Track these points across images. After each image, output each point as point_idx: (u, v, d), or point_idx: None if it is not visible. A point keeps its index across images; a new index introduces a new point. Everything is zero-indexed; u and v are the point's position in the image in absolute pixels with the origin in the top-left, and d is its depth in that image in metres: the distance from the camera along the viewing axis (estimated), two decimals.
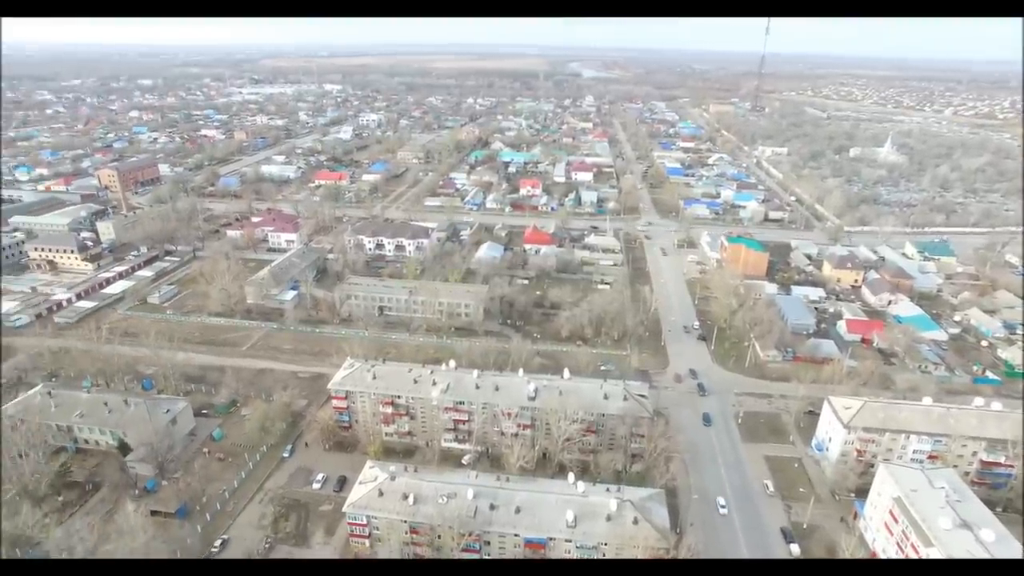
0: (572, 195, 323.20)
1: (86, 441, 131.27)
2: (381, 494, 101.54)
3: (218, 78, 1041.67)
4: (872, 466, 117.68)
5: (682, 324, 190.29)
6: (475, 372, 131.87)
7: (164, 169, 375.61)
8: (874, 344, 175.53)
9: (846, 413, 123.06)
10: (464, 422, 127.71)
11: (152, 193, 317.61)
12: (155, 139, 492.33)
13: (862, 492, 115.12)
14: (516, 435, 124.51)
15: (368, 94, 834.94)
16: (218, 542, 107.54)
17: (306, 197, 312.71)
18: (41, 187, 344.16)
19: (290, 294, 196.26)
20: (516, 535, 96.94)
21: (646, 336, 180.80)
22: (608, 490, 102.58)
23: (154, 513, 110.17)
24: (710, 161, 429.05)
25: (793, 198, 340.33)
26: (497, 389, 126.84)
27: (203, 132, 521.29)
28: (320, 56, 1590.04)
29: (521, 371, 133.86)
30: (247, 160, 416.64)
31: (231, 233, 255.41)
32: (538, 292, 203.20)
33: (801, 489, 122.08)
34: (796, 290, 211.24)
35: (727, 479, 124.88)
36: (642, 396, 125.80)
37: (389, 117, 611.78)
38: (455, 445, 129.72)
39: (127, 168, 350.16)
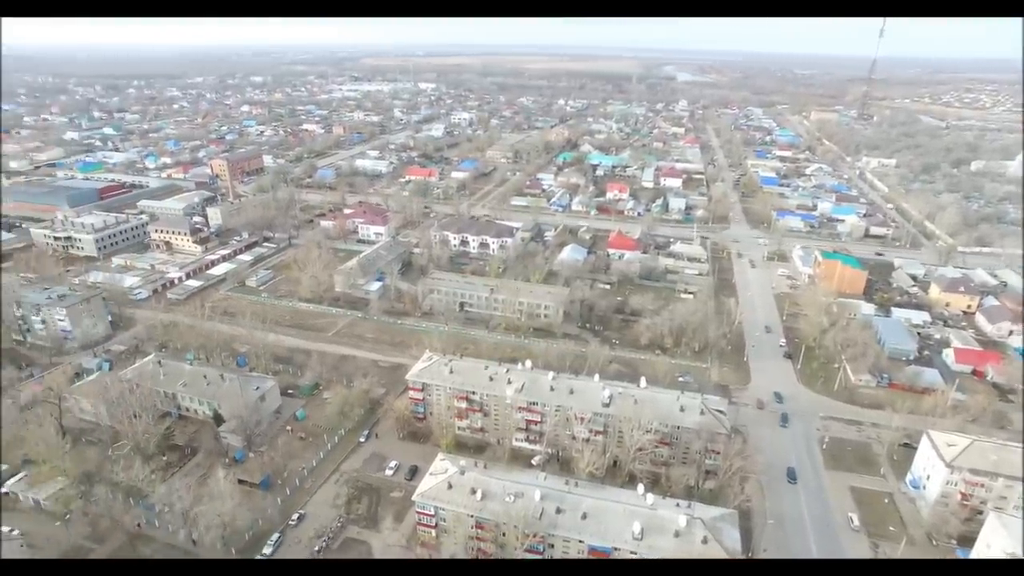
0: (660, 201, 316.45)
1: (187, 409, 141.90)
2: (450, 487, 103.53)
3: (321, 75, 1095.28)
4: (980, 513, 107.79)
5: (767, 340, 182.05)
6: (550, 374, 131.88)
7: (268, 160, 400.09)
8: (988, 377, 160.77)
9: (949, 451, 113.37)
10: (536, 423, 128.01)
11: (256, 183, 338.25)
12: (262, 132, 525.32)
13: (966, 540, 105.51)
14: (587, 440, 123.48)
15: (461, 93, 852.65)
16: (295, 516, 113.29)
17: (396, 192, 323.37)
18: (164, 174, 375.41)
19: (376, 285, 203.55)
20: (581, 541, 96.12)
21: (728, 350, 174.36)
22: (678, 505, 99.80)
23: (241, 482, 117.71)
24: (808, 171, 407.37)
25: (899, 213, 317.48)
26: (571, 392, 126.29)
27: (304, 126, 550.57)
28: (416, 55, 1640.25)
29: (597, 376, 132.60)
30: (343, 154, 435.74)
31: (324, 223, 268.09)
32: (619, 298, 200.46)
33: (891, 528, 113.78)
34: (897, 312, 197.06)
35: (806, 506, 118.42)
36: (720, 411, 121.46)
37: (480, 116, 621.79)
38: (526, 445, 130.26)
39: (236, 158, 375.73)
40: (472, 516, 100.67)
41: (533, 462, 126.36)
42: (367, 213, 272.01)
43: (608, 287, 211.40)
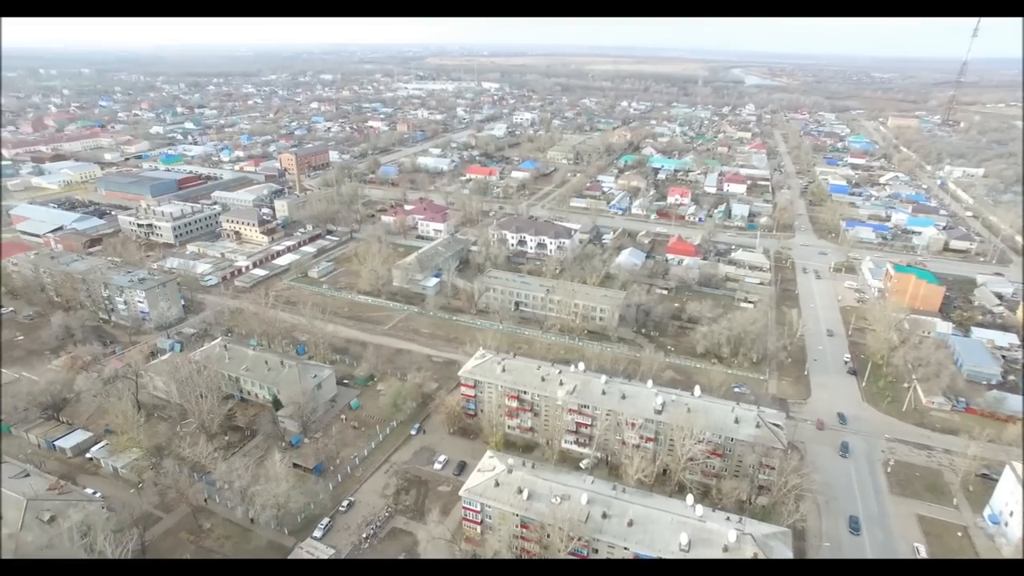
0: (722, 207, 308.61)
1: (248, 392, 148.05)
2: (497, 484, 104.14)
3: (388, 74, 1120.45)
4: None
5: (831, 354, 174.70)
6: (603, 377, 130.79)
7: (334, 156, 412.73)
8: None
9: None
10: (586, 426, 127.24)
11: (321, 177, 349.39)
12: (329, 128, 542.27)
13: None
14: (638, 447, 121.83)
15: (524, 93, 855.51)
16: (345, 503, 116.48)
17: (456, 189, 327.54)
18: (237, 167, 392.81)
19: (433, 281, 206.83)
20: (626, 548, 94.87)
21: (788, 363, 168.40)
22: (728, 519, 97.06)
23: (295, 466, 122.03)
24: (882, 180, 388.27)
25: (985, 227, 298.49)
26: (624, 397, 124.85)
27: (370, 123, 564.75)
28: (481, 55, 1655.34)
29: (650, 382, 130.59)
30: (406, 151, 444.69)
31: (385, 218, 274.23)
32: (676, 304, 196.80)
33: None
34: (978, 332, 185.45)
35: (867, 532, 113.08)
36: (776, 425, 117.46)
37: (543, 116, 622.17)
38: (575, 448, 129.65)
39: (303, 153, 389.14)
40: (518, 515, 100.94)
41: (581, 465, 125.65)
42: (427, 210, 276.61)
43: (665, 293, 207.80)
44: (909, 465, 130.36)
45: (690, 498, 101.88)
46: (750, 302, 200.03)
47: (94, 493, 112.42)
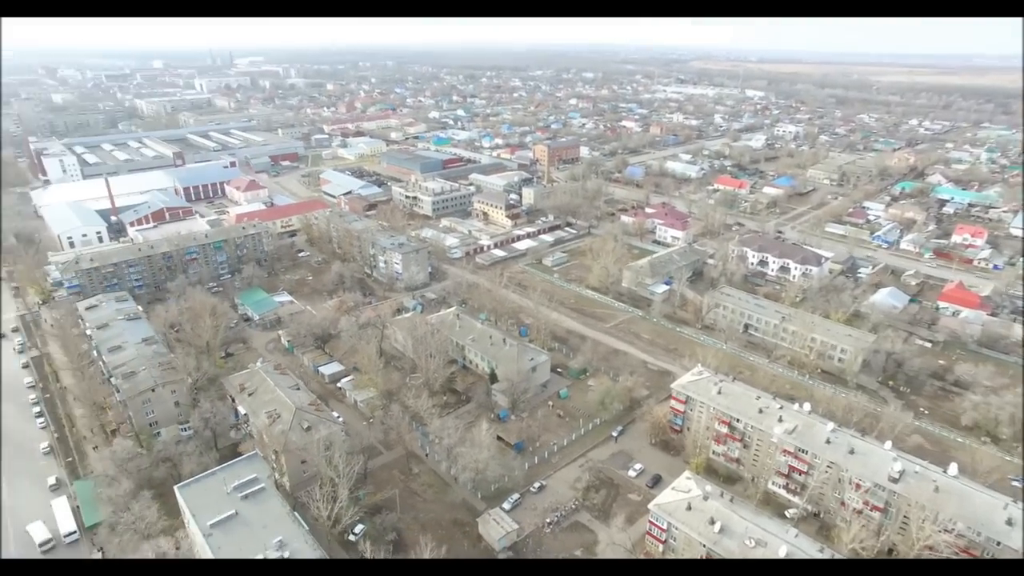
0: None
1: (470, 362, 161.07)
2: (689, 508, 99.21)
3: (648, 75, 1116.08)
4: None
5: None
6: (830, 425, 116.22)
7: (584, 151, 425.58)
8: None
9: None
10: (801, 472, 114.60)
11: (570, 171, 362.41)
12: (584, 124, 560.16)
13: None
14: (860, 512, 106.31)
15: (791, 104, 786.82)
16: (537, 484, 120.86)
17: (701, 199, 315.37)
18: (494, 153, 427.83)
19: (662, 287, 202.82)
20: None
21: None
22: None
23: (499, 438, 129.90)
24: None
25: None
26: (852, 452, 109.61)
27: (624, 123, 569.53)
28: (749, 61, 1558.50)
29: (889, 444, 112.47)
30: (655, 154, 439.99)
31: (624, 218, 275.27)
32: (941, 361, 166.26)
33: None
34: None
35: None
36: None
37: (808, 131, 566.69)
38: (782, 492, 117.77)
39: (556, 146, 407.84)
40: (704, 546, 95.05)
41: (787, 513, 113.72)
42: (668, 215, 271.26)
43: (928, 345, 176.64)
44: None
45: None
46: None
47: (338, 417, 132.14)
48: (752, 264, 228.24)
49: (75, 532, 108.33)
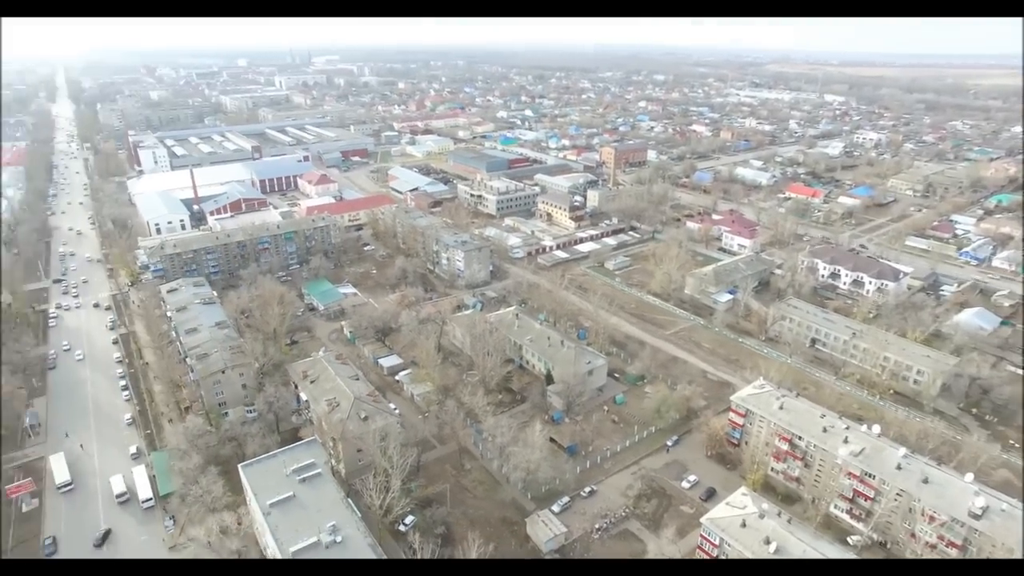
0: None
1: (527, 361, 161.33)
2: (743, 525, 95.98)
3: (721, 79, 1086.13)
4: None
5: None
6: (902, 450, 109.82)
7: (651, 155, 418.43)
8: None
9: None
10: (867, 498, 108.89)
11: (636, 174, 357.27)
12: (652, 127, 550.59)
13: None
14: (933, 547, 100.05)
15: (873, 110, 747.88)
16: (588, 489, 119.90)
17: (772, 207, 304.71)
18: (560, 155, 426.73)
19: (726, 296, 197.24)
20: None
21: None
22: None
23: (551, 440, 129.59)
24: None
25: None
26: (925, 481, 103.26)
27: (693, 127, 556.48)
28: (829, 64, 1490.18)
29: (970, 476, 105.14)
30: (725, 159, 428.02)
31: (690, 224, 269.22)
32: None
33: None
34: None
35: None
36: None
37: (892, 138, 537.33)
38: (845, 517, 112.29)
39: (623, 149, 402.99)
40: None
41: (850, 540, 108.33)
42: (735, 223, 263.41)
43: (1021, 372, 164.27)
44: None
45: None
46: None
47: (394, 409, 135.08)
48: (822, 276, 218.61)
49: (151, 499, 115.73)
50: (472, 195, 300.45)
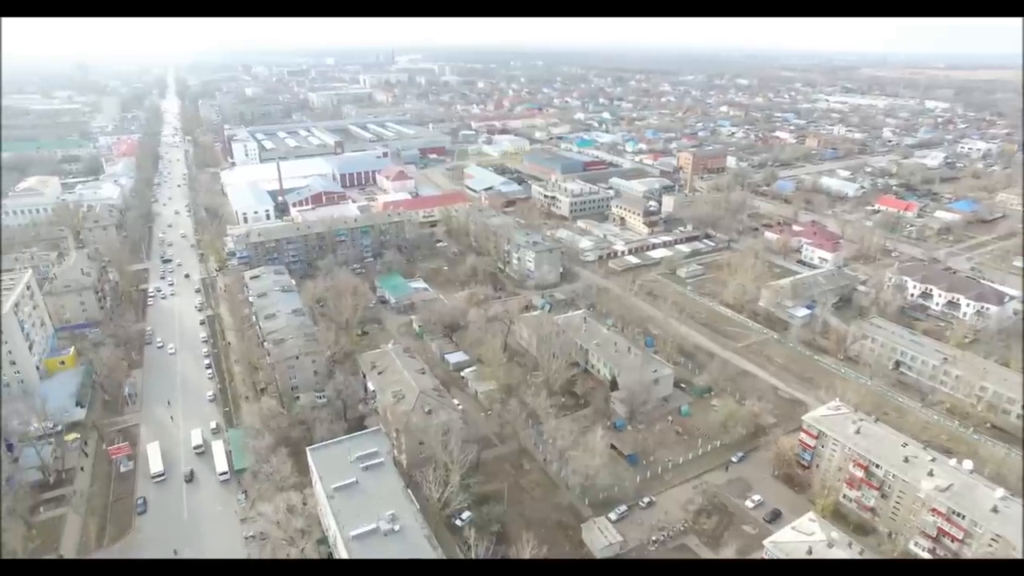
0: None
1: (592, 366, 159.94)
2: (810, 552, 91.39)
3: (809, 83, 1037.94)
4: None
5: None
6: (999, 490, 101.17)
7: (731, 161, 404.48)
8: None
9: None
10: (954, 539, 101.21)
11: (714, 181, 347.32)
12: (733, 133, 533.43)
13: None
14: None
15: (982, 117, 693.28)
16: (646, 500, 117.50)
17: (858, 219, 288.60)
18: (637, 159, 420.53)
19: (802, 311, 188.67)
20: None
21: None
22: None
23: (612, 447, 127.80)
24: None
25: None
26: None
27: (777, 133, 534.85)
28: (934, 67, 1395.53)
29: None
30: (809, 168, 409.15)
31: (768, 235, 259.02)
32: None
33: None
34: None
35: None
36: None
37: (1005, 148, 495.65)
38: (926, 556, 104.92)
39: (701, 155, 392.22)
40: None
41: None
42: (817, 235, 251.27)
43: None
44: None
45: None
46: None
47: (458, 405, 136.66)
48: (912, 296, 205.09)
49: (227, 473, 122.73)
50: (546, 196, 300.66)
